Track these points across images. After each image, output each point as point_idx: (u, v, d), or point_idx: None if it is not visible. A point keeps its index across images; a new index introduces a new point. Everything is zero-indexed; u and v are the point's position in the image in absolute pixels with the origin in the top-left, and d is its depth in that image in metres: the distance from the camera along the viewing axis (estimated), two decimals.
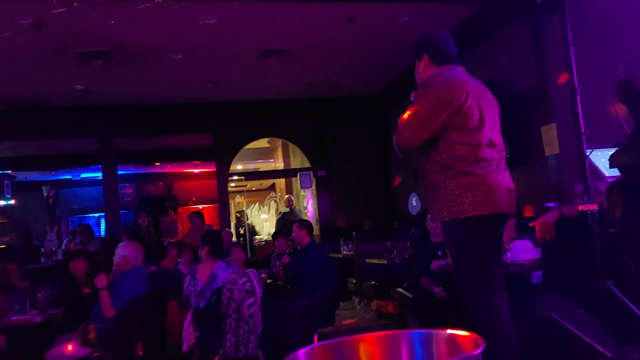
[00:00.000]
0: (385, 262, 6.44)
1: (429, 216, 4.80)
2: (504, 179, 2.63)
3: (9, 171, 10.98)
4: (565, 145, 4.93)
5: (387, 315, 6.48)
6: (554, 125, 5.09)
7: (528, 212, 5.36)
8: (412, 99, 2.75)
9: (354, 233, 7.45)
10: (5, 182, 9.64)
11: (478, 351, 1.12)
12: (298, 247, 5.67)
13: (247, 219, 11.63)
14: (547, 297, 2.88)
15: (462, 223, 2.53)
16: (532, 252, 3.97)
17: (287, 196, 10.98)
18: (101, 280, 4.37)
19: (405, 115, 2.63)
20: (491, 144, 2.61)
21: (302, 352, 1.21)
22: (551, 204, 3.57)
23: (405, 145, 2.61)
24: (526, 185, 5.29)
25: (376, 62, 7.49)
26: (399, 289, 5.56)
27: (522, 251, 4.05)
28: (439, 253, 4.61)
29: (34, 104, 7.87)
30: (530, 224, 3.48)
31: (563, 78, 4.77)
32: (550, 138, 5.17)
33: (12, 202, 11.28)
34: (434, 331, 1.31)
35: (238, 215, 11.76)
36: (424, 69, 2.81)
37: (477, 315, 2.54)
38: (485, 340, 2.51)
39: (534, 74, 5.43)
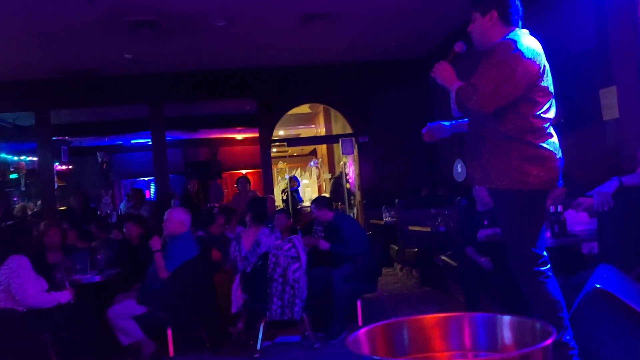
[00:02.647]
0: (429, 229, 6.43)
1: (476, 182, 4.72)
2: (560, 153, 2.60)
3: (66, 137, 11.43)
4: (626, 110, 4.67)
5: (430, 283, 6.52)
6: (614, 87, 4.80)
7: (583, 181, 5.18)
8: (457, 49, 2.69)
9: (396, 200, 7.44)
10: (63, 147, 10.05)
11: (548, 342, 1.07)
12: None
13: (298, 184, 11.72)
14: (602, 270, 2.82)
15: (526, 194, 2.52)
16: (587, 222, 3.88)
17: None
18: (155, 243, 4.55)
19: (482, 79, 2.49)
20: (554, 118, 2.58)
21: (363, 331, 1.22)
22: (582, 200, 3.41)
23: (480, 109, 2.49)
24: (581, 152, 5.07)
25: (421, 23, 7.30)
26: (443, 257, 5.56)
27: (576, 222, 3.97)
28: (485, 222, 4.57)
29: (87, 72, 8.11)
30: (587, 194, 3.38)
31: (626, 36, 4.48)
32: (610, 101, 4.88)
33: (70, 166, 11.78)
34: (499, 315, 1.27)
35: (286, 182, 11.86)
36: (490, 27, 2.61)
37: (527, 286, 2.56)
38: (535, 311, 2.53)
39: (594, 32, 5.09)
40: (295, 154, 15.12)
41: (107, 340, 4.40)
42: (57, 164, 10.13)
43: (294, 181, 11.81)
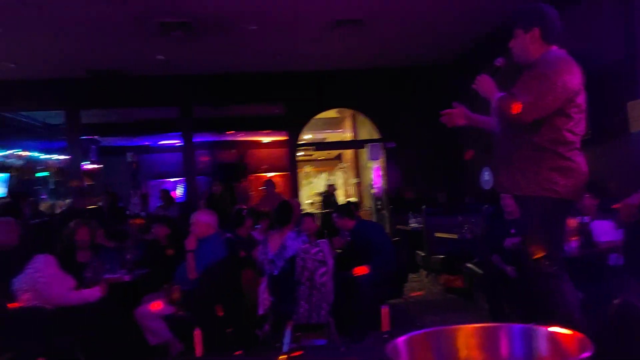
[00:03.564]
0: (455, 236, 6.39)
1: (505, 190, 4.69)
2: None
3: (96, 136, 11.68)
4: None
5: (455, 290, 6.48)
6: None
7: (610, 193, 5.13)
8: (497, 63, 2.79)
9: (423, 206, 7.41)
10: (92, 146, 10.28)
11: (586, 355, 1.08)
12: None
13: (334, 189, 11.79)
14: (627, 282, 2.83)
15: (554, 202, 2.63)
16: (613, 233, 3.86)
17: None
18: (190, 243, 4.61)
19: (524, 90, 2.61)
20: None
21: (401, 340, 1.24)
22: (616, 206, 3.45)
23: (518, 119, 2.60)
24: (608, 164, 5.05)
25: (451, 29, 7.29)
26: (469, 264, 5.53)
27: (603, 232, 3.95)
28: (512, 231, 4.53)
29: (117, 72, 8.28)
30: (614, 206, 3.40)
31: None
32: (638, 114, 4.87)
33: (98, 165, 12.03)
34: (536, 327, 1.28)
35: (327, 188, 11.93)
36: (531, 44, 2.73)
37: (542, 287, 2.65)
38: (550, 313, 2.54)
39: (622, 44, 5.07)
40: (321, 158, 15.16)
41: (136, 340, 4.47)
42: (86, 163, 10.33)
43: (331, 187, 11.92)
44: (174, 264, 4.85)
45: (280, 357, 4.32)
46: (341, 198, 12.72)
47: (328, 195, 11.50)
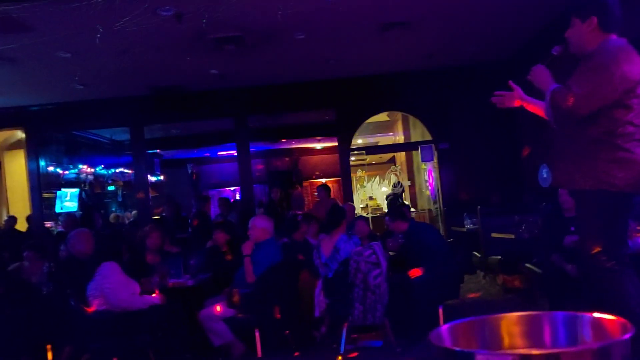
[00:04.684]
0: (513, 236, 6.28)
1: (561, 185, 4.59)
2: None
3: (158, 150, 12.23)
4: None
5: (514, 290, 6.36)
6: None
7: None
8: (554, 52, 2.74)
9: (478, 207, 7.32)
10: (155, 160, 10.73)
11: (627, 336, 1.08)
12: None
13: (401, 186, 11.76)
14: None
15: (612, 196, 2.56)
16: None
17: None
18: (247, 248, 4.79)
19: (580, 81, 2.55)
20: None
21: (444, 328, 1.28)
22: None
23: (573, 112, 2.55)
24: None
25: (502, 27, 7.14)
26: (528, 265, 5.43)
27: None
28: (572, 228, 4.43)
29: (177, 88, 8.66)
30: None
31: None
32: None
33: (162, 177, 12.58)
34: (579, 314, 1.28)
35: (394, 189, 11.92)
36: (588, 33, 2.65)
37: (602, 282, 2.59)
38: (610, 307, 2.49)
39: None
40: (373, 162, 15.17)
41: (200, 341, 4.68)
42: (150, 176, 10.81)
43: (398, 187, 11.89)
44: (234, 269, 5.05)
45: (338, 359, 4.40)
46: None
47: (395, 196, 11.46)
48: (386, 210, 10.48)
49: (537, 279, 5.26)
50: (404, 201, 11.38)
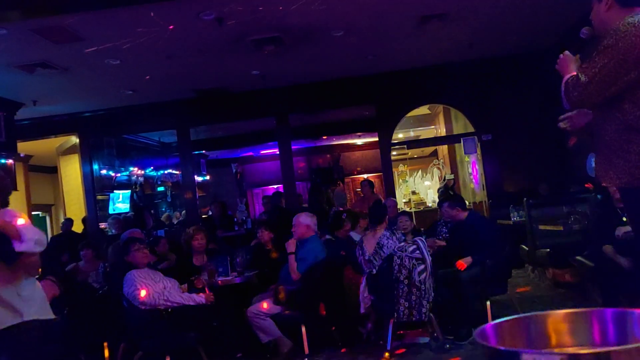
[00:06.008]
0: (561, 228, 6.11)
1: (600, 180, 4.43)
2: None
3: (204, 151, 12.54)
4: None
5: (564, 284, 6.19)
6: None
7: None
8: (582, 36, 2.55)
9: (524, 198, 7.16)
10: (201, 160, 10.96)
11: None
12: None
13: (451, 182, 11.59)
14: None
15: None
16: None
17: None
18: (290, 245, 4.86)
19: (588, 67, 2.30)
20: None
21: (489, 326, 1.27)
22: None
23: (583, 102, 2.36)
24: None
25: (545, 11, 6.94)
26: (579, 257, 5.28)
27: None
28: (624, 219, 4.28)
29: (220, 90, 8.85)
30: None
31: None
32: None
33: (208, 177, 12.89)
34: (629, 310, 1.23)
35: (445, 182, 11.78)
36: (606, 10, 2.42)
37: None
38: None
39: None
40: (415, 156, 15.02)
41: (248, 338, 4.77)
42: (197, 176, 11.07)
43: (450, 181, 11.76)
44: (279, 266, 5.13)
45: (385, 355, 4.41)
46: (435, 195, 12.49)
47: (447, 189, 11.32)
48: (437, 201, 10.27)
49: (588, 272, 5.11)
50: (456, 192, 11.17)
